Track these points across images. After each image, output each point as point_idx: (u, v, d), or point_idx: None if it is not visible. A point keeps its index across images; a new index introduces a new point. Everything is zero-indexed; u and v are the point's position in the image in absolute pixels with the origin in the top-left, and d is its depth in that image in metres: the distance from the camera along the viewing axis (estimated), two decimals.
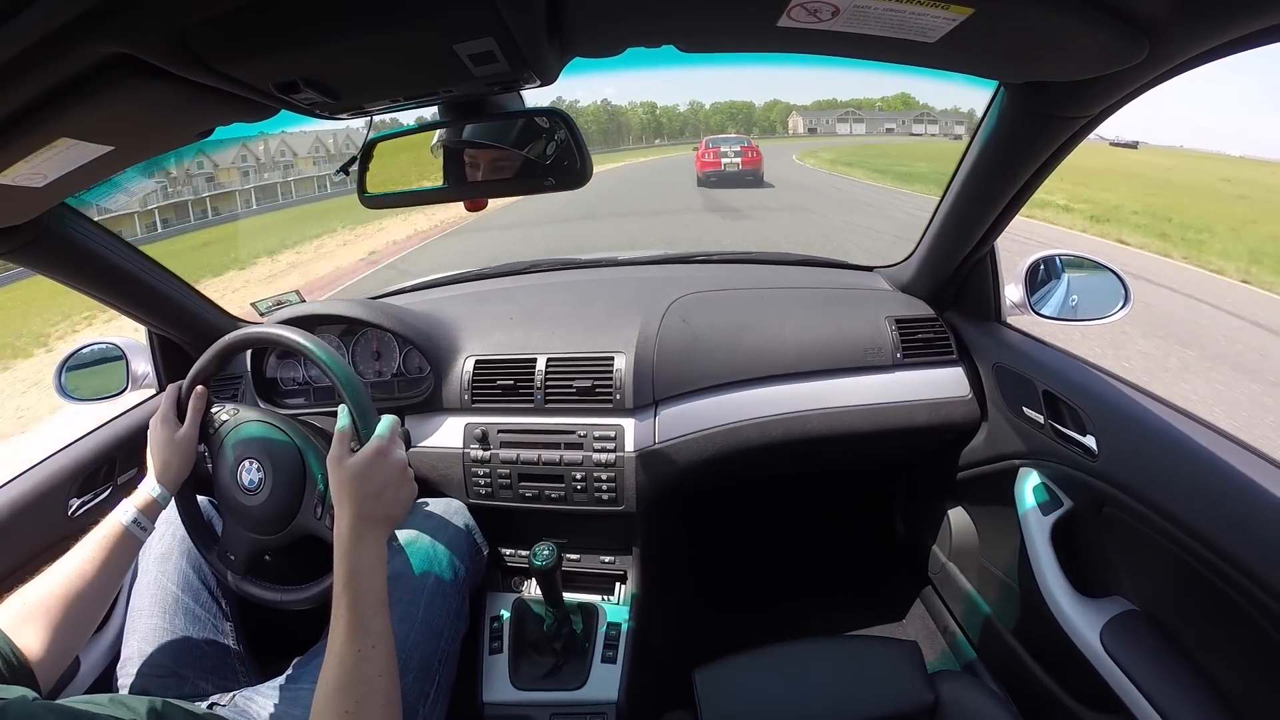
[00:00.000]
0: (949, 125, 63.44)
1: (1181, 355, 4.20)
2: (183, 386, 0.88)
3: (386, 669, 0.63)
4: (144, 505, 0.80)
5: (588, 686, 1.06)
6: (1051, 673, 1.02)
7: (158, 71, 0.48)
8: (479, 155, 0.75)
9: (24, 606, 0.69)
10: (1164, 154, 29.55)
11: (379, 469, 0.72)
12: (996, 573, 1.20)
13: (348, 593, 0.65)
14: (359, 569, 0.67)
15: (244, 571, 0.85)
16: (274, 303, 1.40)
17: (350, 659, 0.61)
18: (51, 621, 0.69)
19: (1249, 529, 0.65)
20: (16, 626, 0.67)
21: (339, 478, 0.71)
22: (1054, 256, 1.13)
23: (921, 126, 66.53)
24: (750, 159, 14.11)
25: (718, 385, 1.16)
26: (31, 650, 0.66)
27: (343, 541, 0.68)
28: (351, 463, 0.72)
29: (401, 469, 0.74)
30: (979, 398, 1.17)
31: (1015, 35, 0.53)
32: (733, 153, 14.21)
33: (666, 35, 0.55)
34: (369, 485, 0.71)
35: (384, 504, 0.72)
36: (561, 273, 1.66)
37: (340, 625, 0.63)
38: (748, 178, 13.93)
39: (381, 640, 0.64)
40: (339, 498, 0.71)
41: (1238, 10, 0.48)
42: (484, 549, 1.11)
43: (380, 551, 0.70)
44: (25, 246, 0.84)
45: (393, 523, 0.73)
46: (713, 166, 14.04)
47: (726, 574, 1.69)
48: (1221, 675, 0.73)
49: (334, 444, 0.74)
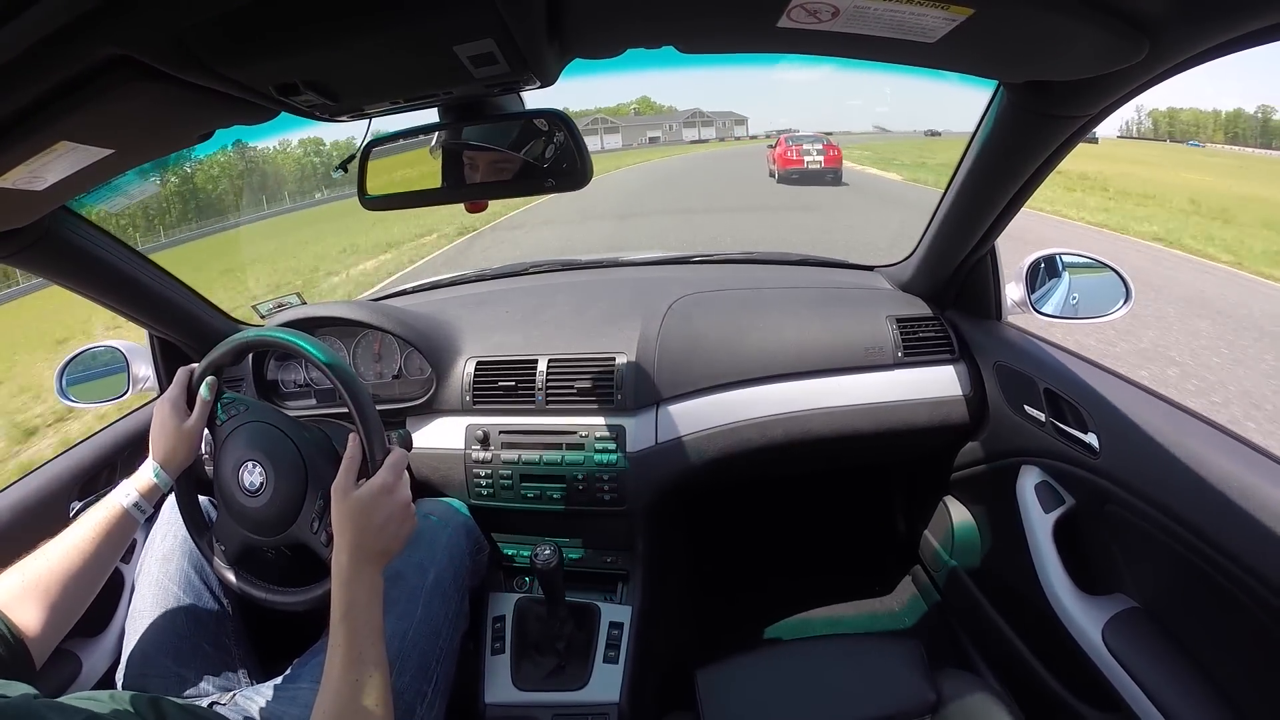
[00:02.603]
0: (727, 127, 59.05)
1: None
2: (195, 372, 0.87)
3: (381, 698, 0.64)
4: (144, 489, 0.80)
5: (590, 687, 1.06)
6: (1053, 670, 1.02)
7: (158, 74, 0.47)
8: (478, 156, 0.75)
9: (22, 582, 0.69)
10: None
11: (383, 505, 0.72)
12: (998, 571, 1.20)
13: (345, 624, 0.66)
14: (356, 601, 0.67)
15: (230, 563, 0.85)
16: (275, 304, 1.40)
17: (347, 689, 0.63)
18: (48, 599, 0.69)
19: (1250, 526, 0.65)
20: (14, 602, 0.67)
21: (342, 509, 0.72)
22: (1054, 255, 1.13)
23: (694, 130, 63.22)
24: (832, 157, 14.20)
25: (719, 385, 1.16)
26: (27, 626, 0.67)
27: (341, 573, 0.69)
28: (357, 495, 0.72)
29: (404, 506, 0.75)
30: (980, 396, 1.17)
31: (1015, 35, 0.53)
32: (815, 151, 14.28)
33: (666, 36, 0.55)
34: (372, 520, 0.71)
35: (383, 539, 0.72)
36: (562, 274, 1.66)
37: (337, 655, 0.65)
38: (828, 176, 13.99)
39: (377, 670, 0.65)
40: (340, 527, 0.71)
41: (1237, 9, 0.48)
42: (484, 548, 1.11)
43: (376, 584, 0.70)
44: (26, 250, 0.84)
45: (389, 556, 0.74)
46: (795, 164, 14.16)
47: (728, 574, 1.69)
48: (1223, 672, 0.73)
49: (341, 472, 0.74)
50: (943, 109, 41.76)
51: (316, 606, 0.77)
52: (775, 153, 15.25)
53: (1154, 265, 6.76)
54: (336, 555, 0.70)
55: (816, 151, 14.22)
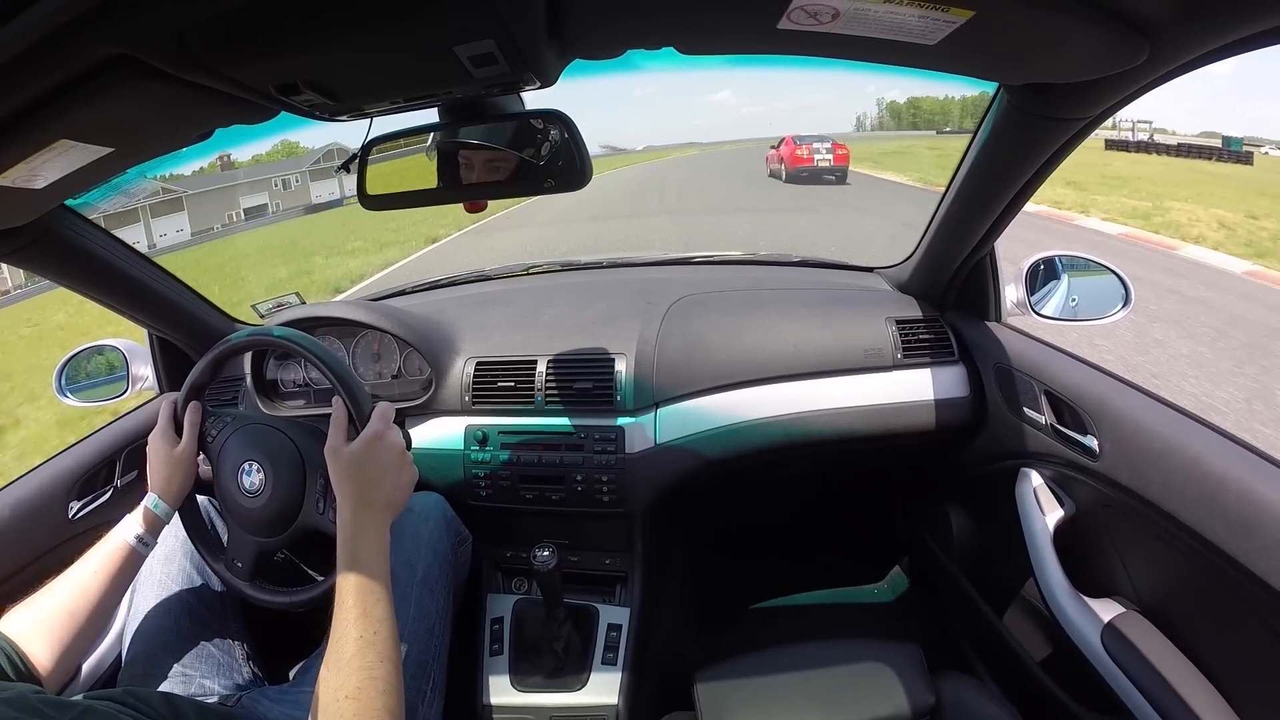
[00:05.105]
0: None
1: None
2: (178, 400, 0.88)
3: (388, 655, 0.63)
4: (147, 522, 0.81)
5: (588, 689, 1.06)
6: (1052, 674, 1.02)
7: (157, 73, 0.47)
8: (476, 156, 0.75)
9: (34, 620, 0.70)
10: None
11: (376, 454, 0.73)
12: (997, 574, 1.20)
13: (350, 579, 0.65)
14: (361, 555, 0.67)
15: (249, 578, 0.85)
16: (274, 305, 1.40)
17: (352, 644, 0.62)
18: (59, 636, 0.69)
19: (1250, 530, 0.65)
20: (26, 640, 0.67)
21: (338, 467, 0.72)
22: (1054, 257, 1.13)
23: (331, 184, 36.07)
24: (841, 155, 14.15)
25: (718, 386, 1.16)
26: (40, 663, 0.67)
27: (345, 529, 0.69)
28: (349, 450, 0.72)
29: (399, 453, 0.75)
30: (979, 398, 1.17)
31: (1015, 37, 0.53)
32: (824, 149, 14.16)
33: (667, 37, 0.55)
34: (368, 471, 0.72)
35: (384, 489, 0.72)
36: (561, 274, 1.66)
37: (343, 611, 0.64)
38: (835, 174, 14.02)
39: (384, 626, 0.64)
40: (339, 487, 0.72)
41: (1238, 12, 0.48)
42: (466, 540, 1.11)
43: (382, 538, 0.70)
44: (25, 248, 0.84)
45: (394, 509, 0.74)
46: (805, 163, 14.10)
47: (727, 575, 1.69)
48: (1222, 676, 0.73)
49: (330, 433, 0.75)
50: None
51: (330, 598, 0.77)
52: (780, 152, 15.16)
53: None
54: (340, 514, 0.70)
55: (826, 150, 14.17)
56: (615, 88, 32.51)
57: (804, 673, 0.88)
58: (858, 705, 0.82)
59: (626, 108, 33.16)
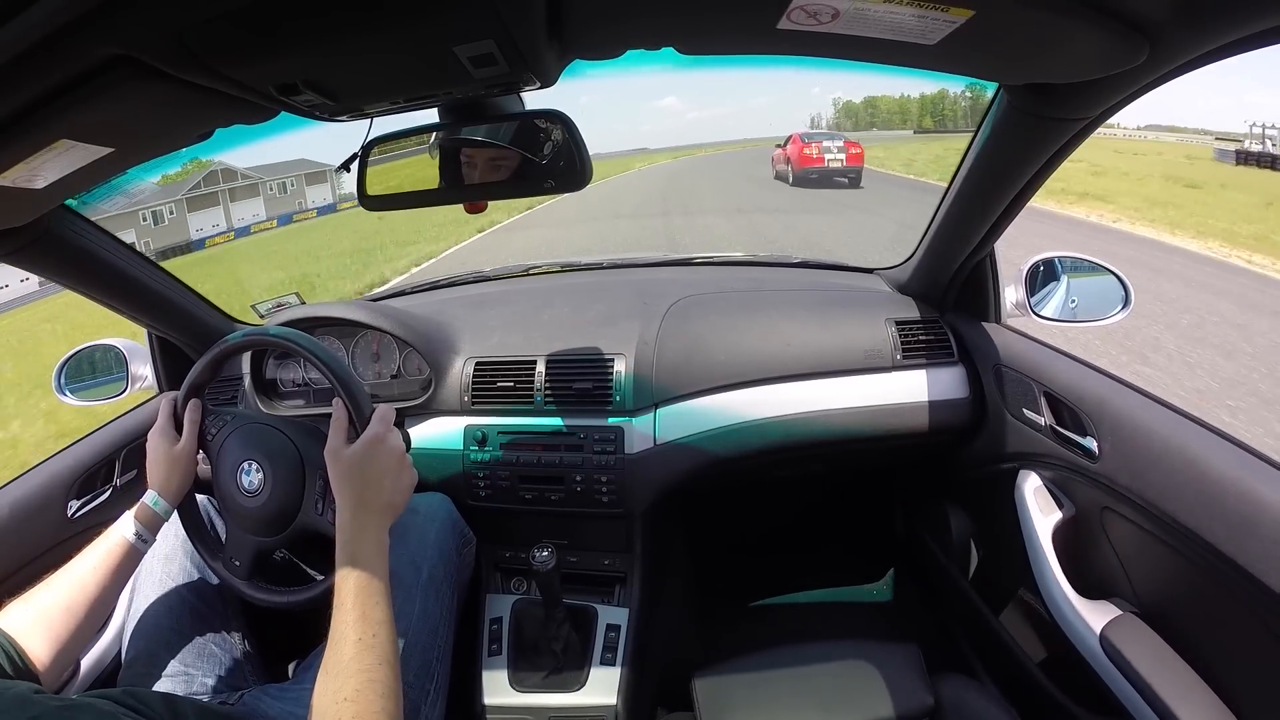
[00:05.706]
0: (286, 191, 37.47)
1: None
2: (178, 398, 0.88)
3: (387, 658, 0.63)
4: (146, 519, 0.81)
5: (587, 689, 1.06)
6: (1051, 675, 1.02)
7: (157, 73, 0.47)
8: (476, 156, 0.75)
9: (32, 615, 0.70)
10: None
11: (377, 457, 0.73)
12: (997, 575, 1.20)
13: (349, 581, 0.65)
14: (360, 557, 0.67)
15: (247, 576, 0.85)
16: (274, 304, 1.40)
17: (351, 647, 0.61)
18: (56, 632, 0.69)
19: (1249, 532, 0.65)
20: (24, 635, 0.67)
21: (338, 469, 0.72)
22: (1054, 259, 1.13)
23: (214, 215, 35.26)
24: (854, 155, 13.14)
25: (717, 387, 1.16)
26: (38, 658, 0.67)
27: (344, 531, 0.69)
28: (350, 452, 0.72)
29: (399, 456, 0.75)
30: (979, 399, 1.17)
31: (1015, 38, 0.53)
32: (836, 149, 13.19)
33: (666, 37, 0.55)
34: (368, 474, 0.72)
35: (384, 492, 0.72)
36: (561, 275, 1.66)
37: (341, 613, 0.64)
38: (848, 176, 13.11)
39: (383, 629, 0.64)
40: (339, 488, 0.72)
41: (1238, 12, 0.48)
42: (470, 542, 1.11)
43: (381, 540, 0.70)
44: (25, 248, 0.84)
45: (394, 511, 0.74)
46: (815, 163, 13.15)
47: (726, 576, 1.69)
48: (1221, 678, 0.73)
49: (330, 435, 0.75)
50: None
51: (329, 598, 0.77)
52: (787, 152, 14.27)
53: None
54: (339, 516, 0.70)
55: (837, 149, 13.22)
56: (560, 98, 29.04)
57: (803, 673, 0.88)
58: (857, 706, 0.82)
59: (573, 116, 31.13)
